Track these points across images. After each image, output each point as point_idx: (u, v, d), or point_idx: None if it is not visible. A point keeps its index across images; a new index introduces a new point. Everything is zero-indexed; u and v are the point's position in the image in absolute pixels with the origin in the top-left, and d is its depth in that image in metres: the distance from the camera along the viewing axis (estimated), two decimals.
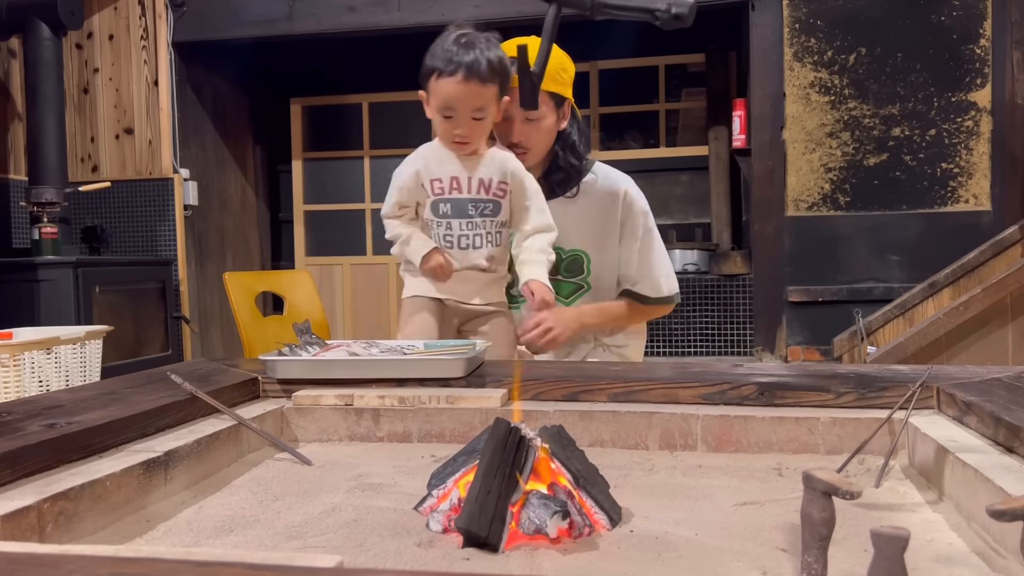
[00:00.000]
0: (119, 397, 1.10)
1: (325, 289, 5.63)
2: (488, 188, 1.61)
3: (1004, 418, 0.89)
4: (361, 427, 1.20)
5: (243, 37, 4.65)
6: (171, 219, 4.62)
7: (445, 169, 1.59)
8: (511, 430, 0.80)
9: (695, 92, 5.66)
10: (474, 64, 1.52)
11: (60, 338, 2.32)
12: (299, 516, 0.88)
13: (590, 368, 1.39)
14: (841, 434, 1.08)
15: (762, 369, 1.28)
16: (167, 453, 0.94)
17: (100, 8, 4.62)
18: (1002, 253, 3.38)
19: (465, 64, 1.52)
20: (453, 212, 1.60)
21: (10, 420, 0.95)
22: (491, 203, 1.62)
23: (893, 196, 4.05)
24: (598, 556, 0.74)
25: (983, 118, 3.97)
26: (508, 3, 4.25)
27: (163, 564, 0.51)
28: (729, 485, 0.96)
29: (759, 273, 4.29)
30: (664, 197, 6.13)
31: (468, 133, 1.56)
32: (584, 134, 1.83)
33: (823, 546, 0.62)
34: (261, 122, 5.80)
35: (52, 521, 0.76)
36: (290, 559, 0.55)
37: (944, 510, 0.85)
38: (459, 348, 1.37)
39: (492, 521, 0.75)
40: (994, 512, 0.58)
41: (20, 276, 3.66)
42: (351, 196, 5.80)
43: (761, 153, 4.21)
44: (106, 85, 4.64)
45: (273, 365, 1.29)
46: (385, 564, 0.74)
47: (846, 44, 4.07)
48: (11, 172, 4.34)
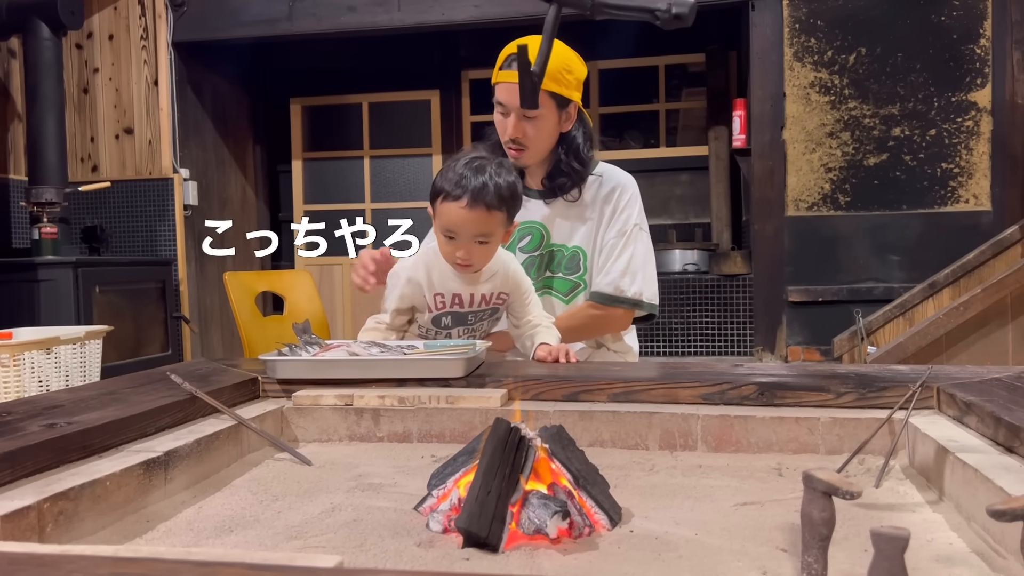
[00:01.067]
0: (119, 397, 1.10)
1: (325, 289, 5.63)
2: (489, 300, 1.62)
3: (1004, 418, 0.89)
4: (361, 427, 1.20)
5: (243, 37, 4.65)
6: (171, 219, 4.62)
7: (448, 285, 1.58)
8: (511, 430, 0.80)
9: (695, 92, 5.66)
10: (480, 191, 1.48)
11: (60, 338, 2.32)
12: (299, 516, 0.88)
13: (590, 368, 1.39)
14: (841, 434, 1.08)
15: (762, 369, 1.28)
16: (167, 453, 0.94)
17: (100, 8, 4.62)
18: (1002, 253, 3.38)
19: (471, 190, 1.48)
20: (454, 323, 1.63)
21: (10, 420, 0.95)
22: (490, 311, 1.64)
23: (893, 196, 4.05)
24: (598, 556, 0.74)
25: (983, 118, 3.97)
26: (508, 3, 4.25)
27: (163, 564, 0.51)
28: (729, 485, 0.96)
29: (759, 273, 4.29)
30: (664, 197, 6.14)
31: (469, 256, 1.53)
32: (590, 138, 1.82)
33: (823, 546, 0.62)
34: (261, 122, 5.80)
35: (52, 521, 0.76)
36: (290, 559, 0.55)
37: (944, 510, 0.85)
38: (459, 348, 1.37)
39: (492, 521, 0.75)
40: (994, 512, 0.58)
41: (20, 276, 3.66)
42: (351, 196, 5.80)
43: (761, 153, 4.21)
44: (106, 85, 4.64)
45: (273, 365, 1.29)
46: (385, 564, 0.74)
47: (846, 44, 4.07)
48: (11, 172, 4.34)
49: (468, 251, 1.52)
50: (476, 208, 1.48)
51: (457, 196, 1.49)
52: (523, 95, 1.60)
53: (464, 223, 1.49)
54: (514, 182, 1.54)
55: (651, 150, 5.82)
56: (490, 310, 1.64)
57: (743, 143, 4.51)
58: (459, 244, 1.52)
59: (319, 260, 5.82)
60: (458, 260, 1.53)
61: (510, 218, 1.56)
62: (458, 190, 1.49)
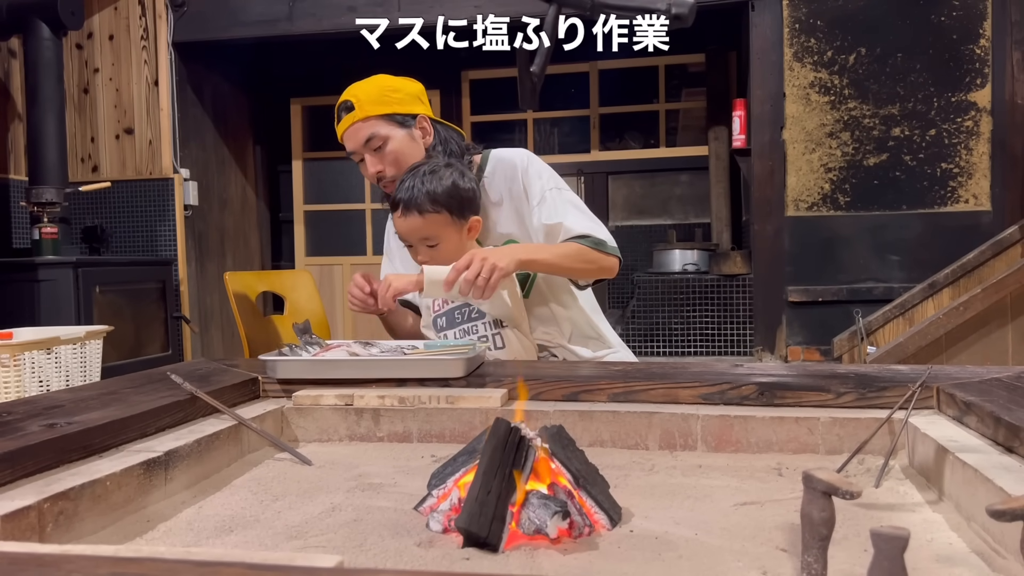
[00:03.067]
0: (119, 397, 1.10)
1: (325, 289, 5.63)
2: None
3: (1004, 418, 0.89)
4: (361, 427, 1.20)
5: (243, 37, 4.65)
6: (171, 219, 4.62)
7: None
8: (511, 430, 0.80)
9: (695, 92, 5.66)
10: (408, 198, 1.58)
11: (60, 338, 2.32)
12: (299, 516, 0.88)
13: (590, 368, 1.39)
14: (841, 434, 1.08)
15: (762, 369, 1.28)
16: (167, 453, 0.94)
17: (100, 8, 4.62)
18: (1002, 253, 3.38)
19: (401, 199, 1.59)
20: (447, 324, 1.67)
21: (10, 420, 0.95)
22: (470, 305, 1.64)
23: (893, 196, 4.05)
24: (598, 556, 0.75)
25: (983, 118, 3.97)
26: (508, 3, 4.24)
27: (163, 564, 0.51)
28: (729, 485, 0.96)
29: (759, 273, 4.29)
30: (664, 197, 6.14)
31: (428, 259, 1.61)
32: (455, 140, 1.80)
33: (823, 546, 0.62)
34: (261, 122, 5.80)
35: (52, 521, 0.76)
36: (290, 559, 0.55)
37: (944, 510, 0.85)
38: (459, 348, 1.37)
39: (492, 521, 0.75)
40: (994, 512, 0.58)
41: (20, 276, 3.66)
42: (351, 196, 5.80)
43: (761, 153, 4.21)
44: (106, 85, 4.64)
45: (273, 365, 1.29)
46: (385, 564, 0.74)
47: (846, 44, 4.07)
48: (11, 172, 4.34)
49: (424, 255, 1.62)
50: (409, 215, 1.59)
51: (395, 206, 1.61)
52: (523, 96, 1.60)
53: (405, 230, 1.62)
54: (451, 184, 1.59)
55: (651, 150, 5.83)
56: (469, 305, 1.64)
57: (743, 143, 4.51)
58: (415, 250, 1.64)
59: (319, 260, 5.82)
60: (421, 264, 1.61)
61: (459, 216, 1.61)
62: (395, 199, 1.60)
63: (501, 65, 5.26)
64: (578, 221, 1.69)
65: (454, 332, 1.65)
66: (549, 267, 1.65)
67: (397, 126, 1.72)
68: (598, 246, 1.67)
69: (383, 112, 1.71)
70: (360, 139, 1.71)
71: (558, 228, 1.68)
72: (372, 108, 1.71)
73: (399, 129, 1.72)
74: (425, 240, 1.60)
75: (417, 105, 1.77)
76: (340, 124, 1.75)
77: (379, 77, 1.79)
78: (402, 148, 1.72)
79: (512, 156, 1.78)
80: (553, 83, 4.92)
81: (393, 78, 1.80)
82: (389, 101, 1.73)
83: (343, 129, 1.74)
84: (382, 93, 1.73)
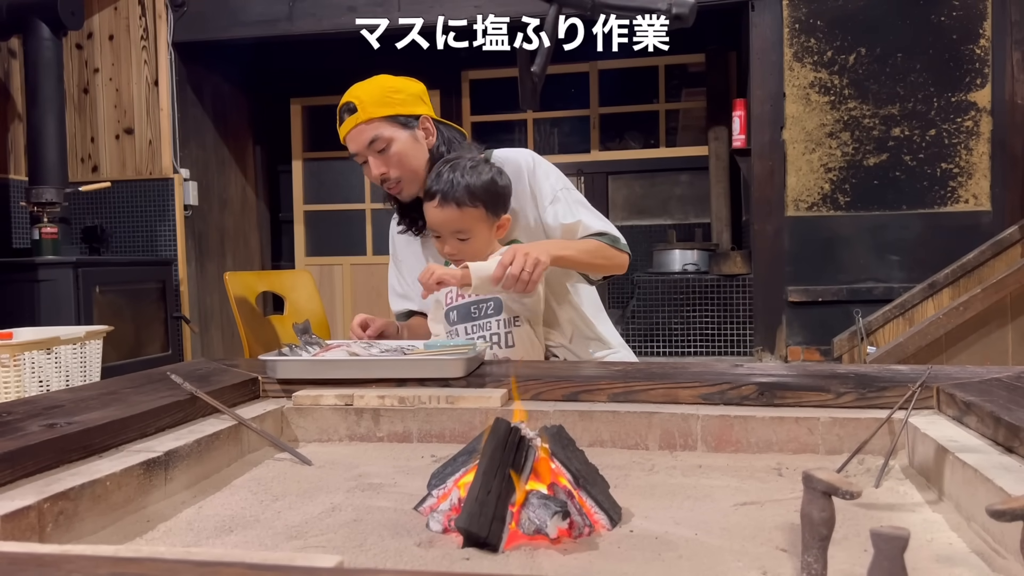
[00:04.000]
0: (119, 397, 1.10)
1: (325, 289, 5.63)
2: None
3: (1004, 418, 0.89)
4: (361, 427, 1.20)
5: (243, 37, 4.65)
6: (171, 219, 4.62)
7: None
8: (511, 430, 0.80)
9: (695, 92, 5.66)
10: (449, 189, 1.58)
11: (60, 338, 2.32)
12: (299, 516, 0.88)
13: (590, 368, 1.39)
14: (841, 434, 1.08)
15: (762, 369, 1.28)
16: (167, 453, 0.94)
17: (100, 8, 4.62)
18: (1002, 253, 3.37)
19: (441, 189, 1.58)
20: (459, 318, 1.65)
21: (10, 420, 0.95)
22: (490, 302, 1.63)
23: (893, 196, 4.05)
24: (598, 556, 0.74)
25: (983, 118, 3.97)
26: (508, 3, 4.24)
27: (163, 564, 0.51)
28: (729, 485, 0.96)
29: (759, 273, 4.29)
30: (664, 197, 6.14)
31: (456, 252, 1.62)
32: (458, 140, 1.80)
33: (823, 546, 0.62)
34: (261, 122, 5.80)
35: (52, 521, 0.76)
36: (290, 559, 0.55)
37: (944, 510, 0.85)
38: (459, 348, 1.37)
39: (492, 521, 0.75)
40: (994, 512, 0.58)
41: (20, 276, 3.66)
42: (351, 196, 5.80)
43: (761, 153, 4.21)
44: (106, 85, 4.64)
45: (273, 365, 1.29)
46: (385, 564, 0.74)
47: (846, 44, 4.07)
48: (11, 172, 4.34)
49: (453, 247, 1.62)
50: (447, 206, 1.58)
51: (432, 196, 1.60)
52: (523, 96, 1.60)
53: (439, 221, 1.61)
54: (490, 179, 1.60)
55: (651, 150, 5.83)
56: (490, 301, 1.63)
57: (743, 143, 4.51)
58: (443, 241, 1.63)
59: (319, 260, 5.82)
60: (447, 256, 1.64)
61: (493, 213, 1.62)
62: (432, 190, 1.60)
63: (501, 65, 5.26)
64: (593, 219, 1.74)
65: (465, 327, 1.64)
66: (575, 263, 1.69)
67: (400, 127, 1.72)
68: (614, 243, 1.73)
69: (386, 114, 1.71)
70: (363, 141, 1.71)
71: (577, 226, 1.72)
72: (375, 110, 1.70)
73: (402, 130, 1.72)
74: (457, 233, 1.60)
75: (419, 105, 1.77)
76: (342, 126, 1.75)
77: (381, 78, 1.79)
78: (406, 149, 1.72)
79: (516, 156, 1.78)
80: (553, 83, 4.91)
81: (395, 78, 1.79)
82: (391, 102, 1.72)
83: (346, 131, 1.74)
84: (384, 94, 1.72)
